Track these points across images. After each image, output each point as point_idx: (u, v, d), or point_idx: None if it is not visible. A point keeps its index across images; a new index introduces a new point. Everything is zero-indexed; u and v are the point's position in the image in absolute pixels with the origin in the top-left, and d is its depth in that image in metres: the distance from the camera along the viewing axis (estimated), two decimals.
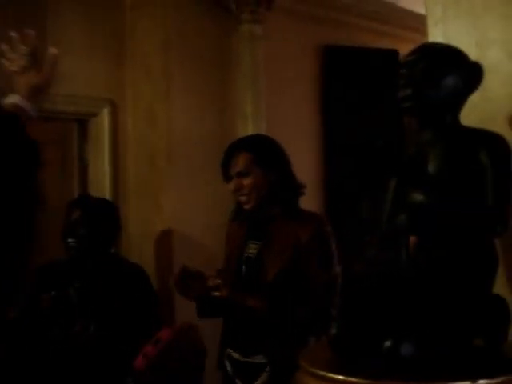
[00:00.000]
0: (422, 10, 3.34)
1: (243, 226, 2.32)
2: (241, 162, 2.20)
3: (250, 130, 3.22)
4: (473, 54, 1.11)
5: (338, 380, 0.92)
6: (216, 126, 3.22)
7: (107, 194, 3.25)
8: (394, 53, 3.83)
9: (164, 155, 3.13)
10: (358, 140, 3.55)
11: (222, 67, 3.24)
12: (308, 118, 3.63)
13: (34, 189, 1.21)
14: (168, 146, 3.11)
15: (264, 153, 2.23)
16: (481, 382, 0.89)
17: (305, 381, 0.98)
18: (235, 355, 2.15)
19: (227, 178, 2.25)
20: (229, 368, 2.18)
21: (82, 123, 3.33)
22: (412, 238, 1.09)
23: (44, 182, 3.40)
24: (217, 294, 2.09)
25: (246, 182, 2.19)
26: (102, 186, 3.27)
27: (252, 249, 2.22)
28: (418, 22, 3.45)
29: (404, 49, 3.79)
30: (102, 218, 2.68)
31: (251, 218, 2.29)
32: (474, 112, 1.20)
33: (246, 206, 2.22)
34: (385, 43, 3.88)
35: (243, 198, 2.21)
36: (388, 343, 0.93)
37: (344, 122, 3.68)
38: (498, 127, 1.22)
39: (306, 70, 3.59)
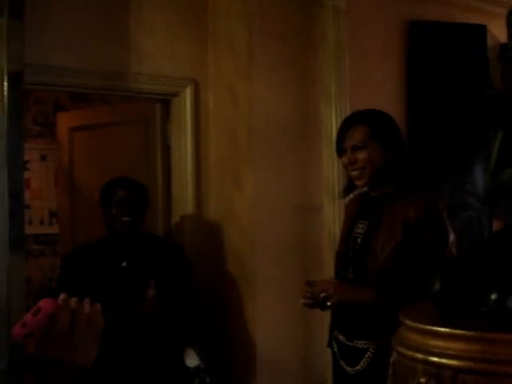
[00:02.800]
0: None
1: (355, 205, 2.34)
2: (356, 135, 2.20)
3: (333, 110, 3.23)
4: None
5: (444, 333, 0.95)
6: (298, 104, 3.24)
7: (189, 174, 3.36)
8: (482, 28, 3.76)
9: (245, 135, 3.19)
10: (445, 118, 3.52)
11: (304, 44, 3.26)
12: (392, 97, 3.61)
13: None
14: (249, 125, 3.16)
15: (381, 127, 2.23)
16: None
17: (408, 337, 1.01)
18: (341, 338, 2.22)
19: (340, 151, 2.26)
20: (335, 349, 2.26)
21: (165, 103, 3.45)
22: (496, 224, 1.10)
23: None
24: (328, 303, 2.10)
25: (361, 156, 2.18)
26: (184, 165, 3.38)
27: (360, 228, 2.23)
28: None
29: (493, 24, 3.72)
30: (147, 199, 2.86)
31: (363, 196, 2.31)
32: None
33: (358, 182, 2.23)
34: (473, 18, 3.80)
35: (356, 173, 2.21)
36: (494, 296, 0.95)
37: (429, 99, 3.64)
38: None
39: (390, 47, 3.57)
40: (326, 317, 2.39)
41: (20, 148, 2.50)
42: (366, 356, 2.11)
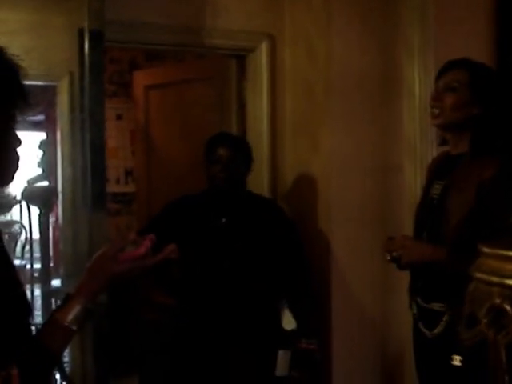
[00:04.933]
0: None
1: (434, 165, 2.47)
2: (453, 75, 2.30)
3: (415, 67, 3.21)
4: None
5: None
6: (378, 61, 3.29)
7: (264, 133, 3.53)
8: None
9: (322, 91, 3.28)
10: None
11: None
12: (481, 53, 3.55)
13: None
14: (327, 81, 3.25)
15: (482, 78, 2.29)
16: None
17: (485, 263, 1.16)
18: (418, 299, 2.36)
19: (436, 87, 2.37)
20: (415, 311, 2.40)
21: (240, 59, 3.62)
22: None
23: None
24: (401, 262, 2.29)
25: (449, 97, 2.27)
26: (259, 124, 3.56)
27: (436, 189, 2.34)
28: None
29: None
30: (247, 157, 2.99)
31: (443, 156, 2.42)
32: None
33: (434, 121, 2.34)
34: None
35: (435, 111, 2.30)
36: None
37: None
38: None
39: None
40: (405, 278, 2.51)
41: (101, 105, 2.75)
42: (444, 319, 2.22)
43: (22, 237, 5.77)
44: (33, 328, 1.40)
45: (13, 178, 1.35)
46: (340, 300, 3.22)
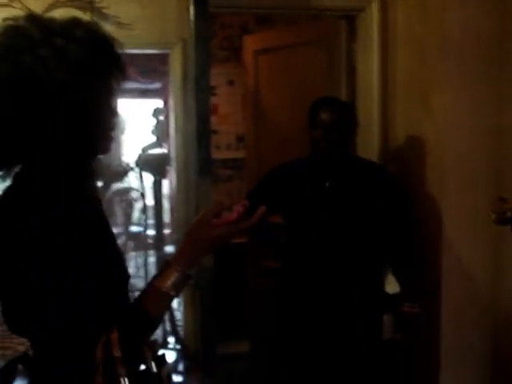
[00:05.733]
0: None
1: None
2: None
3: None
4: None
5: None
6: (496, 21, 3.13)
7: (375, 96, 3.49)
8: None
9: (437, 52, 3.19)
10: None
11: None
12: None
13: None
14: (441, 43, 3.16)
15: None
16: None
17: None
18: None
19: None
20: None
21: (350, 20, 3.57)
22: None
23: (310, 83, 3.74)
24: None
25: None
26: (369, 87, 3.52)
27: None
28: None
29: None
30: (352, 121, 2.95)
31: None
32: None
33: None
34: None
35: None
36: None
37: None
38: None
39: None
40: None
41: (207, 72, 2.79)
42: None
43: (140, 204, 6.00)
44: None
45: (109, 147, 1.40)
46: (450, 265, 3.16)
